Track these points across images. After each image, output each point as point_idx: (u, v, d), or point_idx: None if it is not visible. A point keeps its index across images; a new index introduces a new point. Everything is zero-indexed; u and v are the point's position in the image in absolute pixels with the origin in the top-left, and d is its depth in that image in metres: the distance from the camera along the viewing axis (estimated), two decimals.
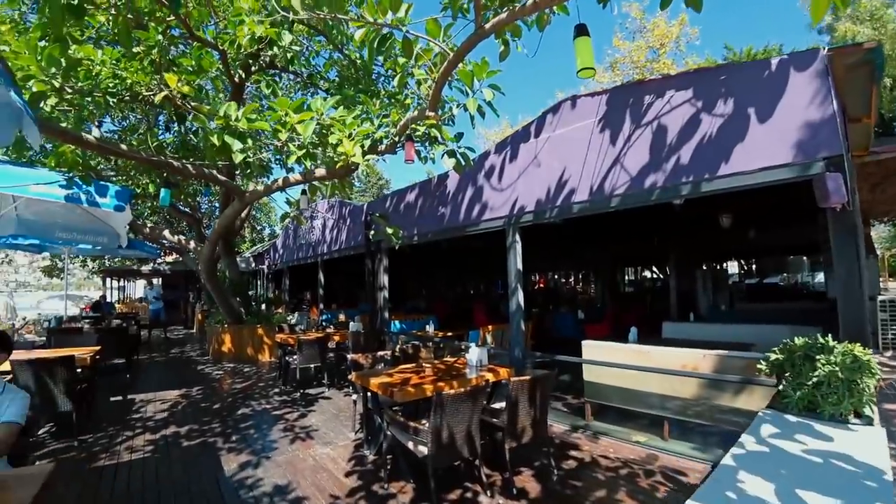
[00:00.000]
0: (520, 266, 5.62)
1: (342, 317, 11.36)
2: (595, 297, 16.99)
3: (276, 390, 7.18)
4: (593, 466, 4.16)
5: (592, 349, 5.45)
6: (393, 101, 5.70)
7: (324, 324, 11.10)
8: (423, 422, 3.79)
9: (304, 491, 3.73)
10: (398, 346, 7.25)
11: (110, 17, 5.23)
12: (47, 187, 5.13)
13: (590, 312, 11.17)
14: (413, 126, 4.60)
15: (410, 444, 3.43)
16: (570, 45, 3.07)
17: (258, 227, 29.50)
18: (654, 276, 22.65)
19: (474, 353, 4.61)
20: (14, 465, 2.55)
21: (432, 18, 3.64)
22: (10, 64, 3.80)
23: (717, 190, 4.09)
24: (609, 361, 5.04)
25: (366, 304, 15.45)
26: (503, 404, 4.34)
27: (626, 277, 23.50)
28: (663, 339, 7.28)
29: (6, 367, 4.86)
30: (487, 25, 3.22)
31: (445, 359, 5.20)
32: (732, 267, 24.63)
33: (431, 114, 3.95)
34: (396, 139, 4.58)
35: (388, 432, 3.70)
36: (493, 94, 4.08)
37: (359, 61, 7.78)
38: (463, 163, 4.61)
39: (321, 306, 11.99)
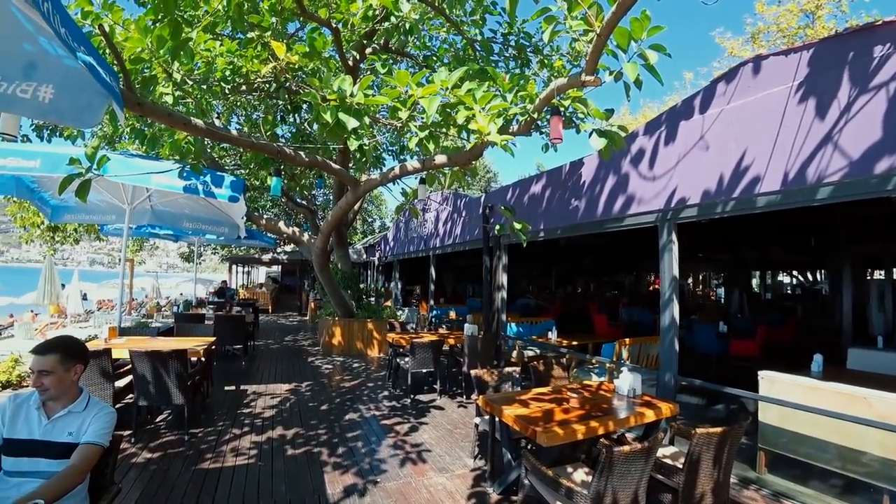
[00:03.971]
0: (675, 272, 4.55)
1: (452, 314, 10.84)
2: (731, 305, 14.82)
3: (385, 393, 6.76)
4: None
5: (774, 383, 4.24)
6: (522, 77, 4.90)
7: (433, 320, 10.68)
8: (572, 469, 2.98)
9: None
10: (520, 357, 6.50)
11: (224, 3, 5.05)
12: (168, 178, 5.09)
13: (733, 325, 9.53)
14: (553, 101, 3.76)
15: None
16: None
17: (369, 220, 30.41)
18: (801, 282, 19.46)
19: (626, 380, 3.71)
20: (95, 495, 2.17)
21: None
22: (119, 47, 3.59)
23: None
24: (808, 406, 3.82)
25: (474, 300, 15.03)
26: (670, 450, 3.41)
27: (766, 282, 20.44)
28: (849, 370, 5.74)
29: (125, 354, 4.90)
30: None
31: (586, 382, 4.31)
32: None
33: (590, 78, 3.08)
34: (535, 116, 3.77)
35: (526, 480, 2.93)
36: (657, 57, 3.13)
37: (478, 40, 7.07)
38: (613, 144, 3.71)
39: (431, 302, 11.60)
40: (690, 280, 23.24)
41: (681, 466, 2.82)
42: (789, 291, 20.78)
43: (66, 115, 2.38)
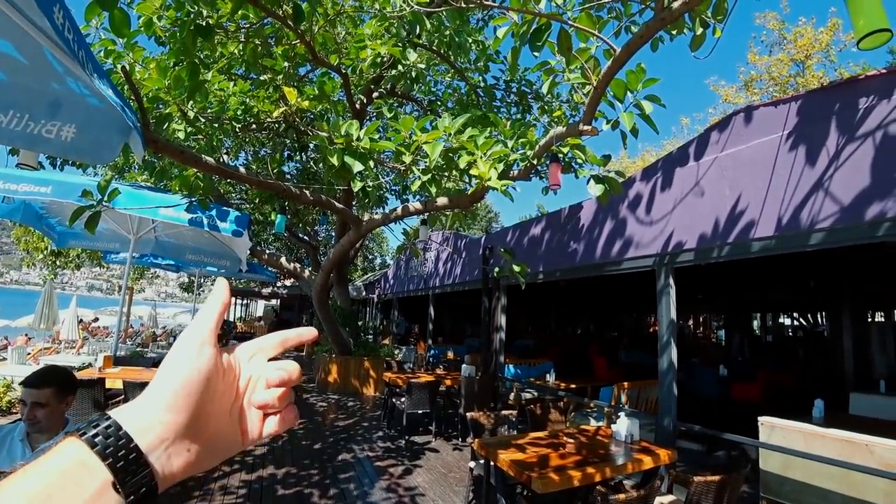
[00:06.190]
0: (673, 315, 4.57)
1: (450, 353, 10.77)
2: (732, 347, 14.72)
3: (380, 433, 6.66)
4: None
5: (774, 429, 4.20)
6: (522, 124, 5.09)
7: (431, 360, 10.59)
8: None
9: None
10: (517, 400, 6.43)
11: (240, 47, 5.28)
12: (174, 211, 5.19)
13: (734, 368, 9.44)
14: (552, 148, 3.89)
15: None
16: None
17: (370, 257, 30.55)
18: (802, 324, 19.34)
19: (624, 425, 3.68)
20: None
21: (585, 11, 2.95)
22: (139, 87, 3.76)
23: None
24: (807, 453, 3.78)
25: (472, 340, 14.96)
26: (668, 498, 3.35)
27: (767, 324, 20.32)
28: (852, 415, 5.68)
29: (119, 385, 4.89)
30: (676, 4, 2.43)
31: (584, 427, 4.28)
32: None
33: (587, 127, 3.21)
34: (535, 162, 3.89)
35: None
36: (653, 107, 3.27)
37: (481, 86, 7.32)
38: (611, 190, 3.82)
39: (429, 341, 11.53)
40: (691, 322, 23.10)
41: None
42: (791, 334, 20.65)
43: (86, 153, 2.47)
